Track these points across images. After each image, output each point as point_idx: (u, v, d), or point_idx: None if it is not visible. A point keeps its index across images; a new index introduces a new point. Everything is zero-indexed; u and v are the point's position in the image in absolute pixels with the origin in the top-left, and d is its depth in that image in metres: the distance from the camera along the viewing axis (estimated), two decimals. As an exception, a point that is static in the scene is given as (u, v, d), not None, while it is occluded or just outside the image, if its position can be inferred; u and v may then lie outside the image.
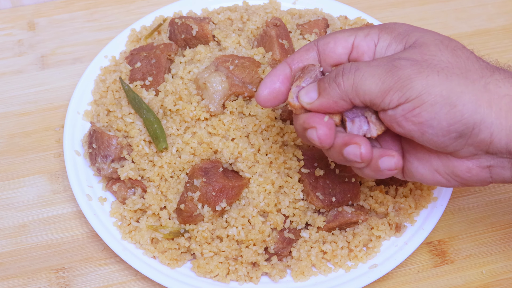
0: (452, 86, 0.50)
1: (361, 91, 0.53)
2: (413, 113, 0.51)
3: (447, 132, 0.51)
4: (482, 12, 0.99)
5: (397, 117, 0.52)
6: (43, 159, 0.81)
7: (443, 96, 0.50)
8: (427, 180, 0.57)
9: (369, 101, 0.53)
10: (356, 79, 0.53)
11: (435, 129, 0.51)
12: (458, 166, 0.54)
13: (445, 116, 0.50)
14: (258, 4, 0.89)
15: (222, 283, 0.68)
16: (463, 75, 0.51)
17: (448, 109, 0.50)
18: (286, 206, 0.69)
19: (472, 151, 0.53)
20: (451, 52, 0.53)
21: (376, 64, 0.53)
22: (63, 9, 0.97)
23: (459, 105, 0.50)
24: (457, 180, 0.56)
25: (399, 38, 0.55)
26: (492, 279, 0.72)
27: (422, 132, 0.52)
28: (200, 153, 0.71)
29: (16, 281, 0.72)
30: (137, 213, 0.72)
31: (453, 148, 0.53)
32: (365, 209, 0.71)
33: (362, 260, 0.69)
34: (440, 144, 0.52)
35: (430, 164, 0.56)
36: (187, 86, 0.74)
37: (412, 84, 0.51)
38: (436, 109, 0.50)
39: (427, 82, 0.50)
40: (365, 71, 0.53)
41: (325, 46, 0.58)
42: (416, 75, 0.51)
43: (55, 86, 0.88)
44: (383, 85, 0.52)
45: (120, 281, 0.72)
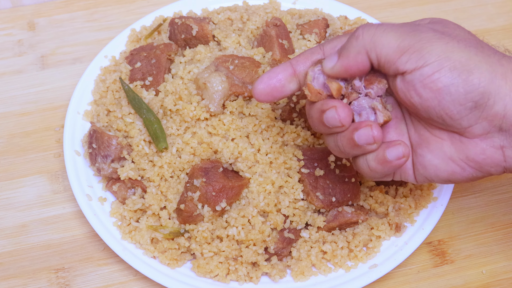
0: (470, 55, 0.51)
1: (379, 44, 0.52)
2: (431, 79, 0.51)
3: (464, 100, 0.51)
4: (482, 12, 0.99)
5: (415, 82, 0.52)
6: (43, 159, 0.81)
7: (461, 62, 0.51)
8: (441, 172, 0.56)
9: (384, 57, 0.53)
10: (376, 32, 0.53)
11: (452, 96, 0.51)
12: (471, 148, 0.54)
13: (463, 83, 0.51)
14: (258, 4, 0.89)
15: (222, 283, 0.68)
16: (480, 49, 0.52)
17: (466, 76, 0.51)
18: (286, 206, 0.69)
19: (485, 127, 0.52)
20: (467, 32, 0.54)
21: (399, 24, 0.53)
22: (63, 9, 0.97)
23: (476, 73, 0.51)
24: (472, 165, 0.55)
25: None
26: (492, 279, 0.72)
27: (439, 100, 0.51)
28: (200, 153, 0.71)
29: (16, 281, 0.72)
30: (137, 213, 0.72)
31: (467, 121, 0.52)
32: (365, 209, 0.71)
33: (362, 260, 0.69)
34: (456, 115, 0.52)
35: (443, 152, 0.55)
36: (187, 86, 0.74)
37: (432, 47, 0.51)
38: (455, 74, 0.50)
39: (447, 48, 0.51)
40: (387, 26, 0.53)
41: (332, 50, 0.58)
42: (437, 40, 0.51)
43: (55, 86, 0.88)
44: (402, 42, 0.52)
45: (120, 281, 0.72)
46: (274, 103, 0.73)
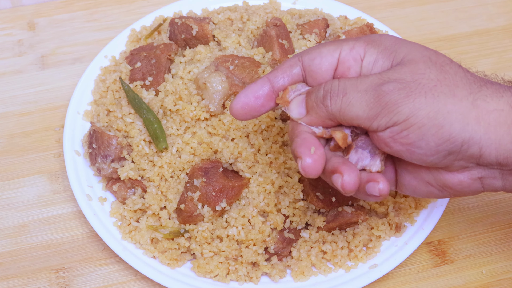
0: (439, 106, 0.51)
1: (348, 116, 0.54)
2: (401, 135, 0.52)
3: (436, 152, 0.52)
4: (482, 12, 0.99)
5: (385, 138, 0.53)
6: (43, 159, 0.81)
7: (430, 118, 0.51)
8: (420, 191, 0.57)
9: (356, 125, 0.54)
10: (343, 105, 0.53)
11: (423, 150, 0.52)
12: (449, 179, 0.55)
13: (433, 137, 0.51)
14: (258, 4, 0.89)
15: (222, 283, 0.68)
16: (451, 93, 0.51)
17: (435, 130, 0.51)
18: (286, 206, 0.69)
19: (462, 164, 0.53)
20: (439, 69, 0.53)
21: (363, 89, 0.53)
22: (63, 9, 0.97)
23: (446, 125, 0.51)
24: (449, 191, 0.56)
25: (386, 54, 0.55)
26: (492, 279, 0.72)
27: (410, 152, 0.52)
28: (200, 153, 0.71)
29: (16, 281, 0.72)
30: (137, 213, 0.72)
31: (444, 164, 0.53)
32: (365, 209, 0.71)
33: (362, 260, 0.69)
34: (430, 163, 0.53)
35: (421, 176, 0.56)
36: (187, 86, 0.74)
37: (399, 109, 0.51)
38: (424, 131, 0.51)
39: (414, 106, 0.51)
40: (352, 97, 0.53)
41: (311, 62, 0.57)
42: (403, 99, 0.51)
43: (55, 86, 0.88)
44: (370, 112, 0.52)
45: (120, 281, 0.72)
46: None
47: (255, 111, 0.58)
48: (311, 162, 0.54)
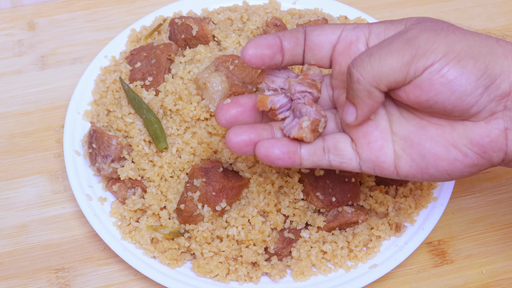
0: (470, 42, 0.51)
1: (384, 74, 0.51)
2: (441, 73, 0.51)
3: (475, 87, 0.51)
4: (482, 12, 0.99)
5: (423, 82, 0.51)
6: (43, 159, 0.81)
7: (466, 51, 0.51)
8: (442, 160, 0.54)
9: (394, 81, 0.52)
10: (373, 64, 0.52)
11: (464, 86, 0.51)
12: (476, 131, 0.53)
13: (472, 70, 0.50)
14: (258, 4, 0.89)
15: (222, 283, 0.68)
16: (475, 34, 0.52)
17: (473, 63, 0.51)
18: (286, 206, 0.69)
19: (492, 109, 0.52)
20: (454, 26, 0.54)
21: (388, 43, 0.52)
22: (63, 9, 0.97)
23: (481, 57, 0.51)
24: (475, 150, 0.53)
25: (395, 23, 0.55)
26: (492, 279, 0.73)
27: (452, 92, 0.51)
28: (200, 153, 0.71)
29: (16, 281, 0.72)
30: (137, 213, 0.72)
31: (477, 107, 0.52)
32: (365, 209, 0.71)
33: (362, 260, 0.69)
34: (468, 103, 0.51)
35: (444, 139, 0.54)
36: (187, 86, 0.74)
37: (434, 46, 0.51)
38: (463, 63, 0.50)
39: (448, 41, 0.51)
40: (380, 53, 0.52)
41: (311, 33, 0.57)
42: (435, 38, 0.51)
43: (55, 86, 0.88)
44: (404, 57, 0.51)
45: (120, 281, 0.72)
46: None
47: (267, 57, 0.57)
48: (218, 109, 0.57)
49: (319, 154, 0.57)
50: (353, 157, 0.57)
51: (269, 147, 0.55)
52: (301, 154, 0.56)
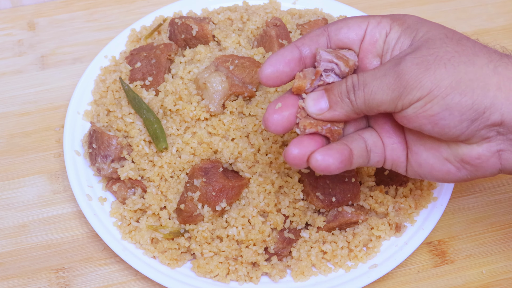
0: (460, 76, 0.51)
1: (374, 105, 0.54)
2: (425, 109, 0.52)
3: (460, 121, 0.52)
4: (482, 12, 0.99)
5: (409, 115, 0.53)
6: (43, 159, 0.81)
7: (452, 87, 0.51)
8: (436, 171, 0.57)
9: (383, 111, 0.54)
10: (366, 96, 0.54)
11: (447, 120, 0.52)
12: (468, 152, 0.54)
13: (457, 106, 0.51)
14: (258, 4, 0.89)
15: (222, 283, 0.68)
16: (471, 62, 0.52)
17: (459, 99, 0.51)
18: (286, 206, 0.69)
19: (483, 135, 0.53)
20: (456, 43, 0.54)
21: (382, 74, 0.54)
22: (63, 9, 0.97)
23: (468, 93, 0.51)
24: (467, 168, 0.55)
25: (408, 32, 0.56)
26: (492, 279, 0.72)
27: (434, 124, 0.52)
28: (200, 153, 0.71)
29: (16, 281, 0.72)
30: (137, 213, 0.72)
31: (466, 136, 0.53)
32: (365, 209, 0.71)
33: (362, 260, 0.69)
34: (453, 134, 0.53)
35: (439, 152, 0.56)
36: (187, 86, 0.74)
37: (421, 84, 0.52)
38: (448, 100, 0.51)
39: (435, 77, 0.51)
40: (373, 85, 0.54)
41: (338, 31, 0.58)
42: (424, 73, 0.52)
43: (55, 86, 0.88)
44: (393, 94, 0.53)
45: (120, 281, 0.72)
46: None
47: (285, 75, 0.58)
48: (268, 117, 0.56)
49: (365, 155, 0.58)
50: (384, 156, 0.59)
51: (325, 156, 0.55)
52: (353, 159, 0.57)
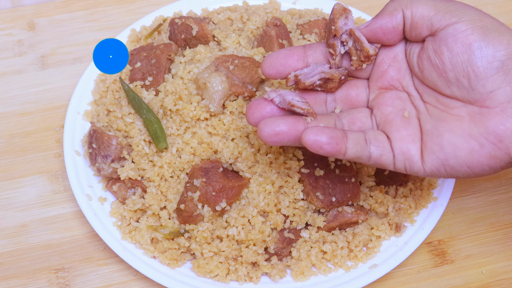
0: (500, 23, 0.55)
1: (416, 3, 0.56)
2: (464, 33, 0.54)
3: (492, 58, 0.53)
4: (482, 12, 0.99)
5: (447, 37, 0.54)
6: (43, 159, 0.81)
7: (493, 24, 0.54)
8: (460, 150, 0.55)
9: (420, 14, 0.56)
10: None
11: (482, 52, 0.53)
12: (491, 118, 0.54)
13: (494, 40, 0.53)
14: (258, 4, 0.89)
15: (222, 283, 0.68)
16: (507, 26, 0.56)
17: (497, 35, 0.53)
18: (286, 206, 0.69)
19: (508, 93, 0.53)
20: None
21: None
22: (63, 9, 0.97)
23: (506, 34, 0.53)
24: (491, 140, 0.54)
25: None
26: (492, 279, 0.73)
27: (469, 54, 0.53)
28: (200, 153, 0.71)
29: (16, 281, 0.72)
30: (137, 213, 0.72)
31: (491, 84, 0.53)
32: (365, 209, 0.71)
33: (362, 260, 0.69)
34: (482, 73, 0.53)
35: (462, 129, 0.55)
36: (187, 86, 0.74)
37: (465, 10, 0.54)
38: (487, 31, 0.53)
39: (479, 13, 0.54)
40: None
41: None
42: (469, 7, 0.55)
43: (55, 86, 0.88)
44: (438, 4, 0.55)
45: (120, 281, 0.72)
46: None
47: (282, 66, 0.61)
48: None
49: (362, 144, 0.58)
50: (390, 151, 0.58)
51: (318, 132, 0.56)
52: (347, 143, 0.57)
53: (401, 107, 0.60)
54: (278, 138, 0.57)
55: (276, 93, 0.59)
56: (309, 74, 0.60)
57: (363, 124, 0.61)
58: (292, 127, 0.57)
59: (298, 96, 0.59)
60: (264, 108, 0.60)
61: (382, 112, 0.60)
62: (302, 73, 0.60)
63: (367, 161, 0.58)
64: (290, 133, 0.57)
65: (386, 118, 0.60)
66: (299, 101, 0.59)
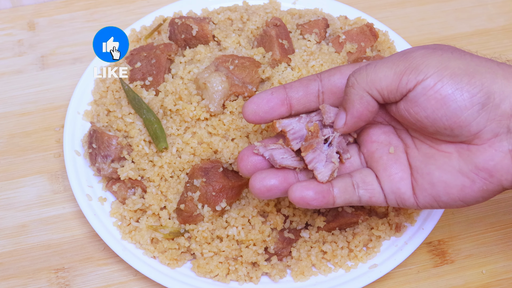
0: (467, 61, 0.52)
1: (376, 80, 0.53)
2: (434, 89, 0.51)
3: (470, 104, 0.51)
4: (482, 12, 0.99)
5: (418, 97, 0.52)
6: (43, 159, 0.81)
7: (461, 68, 0.51)
8: (451, 187, 0.55)
9: (386, 88, 0.53)
10: (368, 71, 0.54)
11: (458, 102, 0.51)
12: (480, 155, 0.53)
13: (467, 87, 0.51)
14: (258, 4, 0.89)
15: (222, 283, 0.68)
16: (475, 57, 0.53)
17: (468, 79, 0.51)
18: (286, 206, 0.69)
19: (494, 130, 0.52)
20: (456, 48, 0.55)
21: (387, 58, 0.54)
22: (63, 9, 0.97)
23: (477, 75, 0.51)
24: (481, 176, 0.53)
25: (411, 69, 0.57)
26: (492, 279, 0.73)
27: (445, 108, 0.51)
28: (200, 153, 0.71)
29: (16, 281, 0.72)
30: (137, 213, 0.72)
31: (477, 125, 0.52)
32: (365, 209, 0.71)
33: (362, 260, 0.69)
34: (464, 121, 0.52)
35: (451, 166, 0.54)
36: (187, 86, 0.74)
37: (428, 62, 0.52)
38: (457, 80, 0.51)
39: (442, 59, 0.52)
40: (376, 63, 0.54)
41: (330, 77, 0.59)
42: (430, 54, 0.52)
43: (55, 86, 0.88)
44: (397, 68, 0.52)
45: (120, 281, 0.72)
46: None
47: (268, 115, 0.59)
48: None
49: (350, 190, 0.58)
50: (380, 191, 0.58)
51: (303, 189, 0.56)
52: (333, 193, 0.57)
53: (387, 142, 0.59)
54: (270, 193, 0.58)
55: (265, 149, 0.59)
56: (297, 133, 0.59)
57: (351, 164, 0.60)
58: (283, 180, 0.58)
59: (287, 153, 0.59)
60: (255, 159, 0.60)
61: (368, 149, 0.60)
62: (290, 129, 0.59)
63: (358, 203, 0.59)
64: (281, 186, 0.58)
65: (372, 156, 0.59)
66: (289, 158, 0.59)
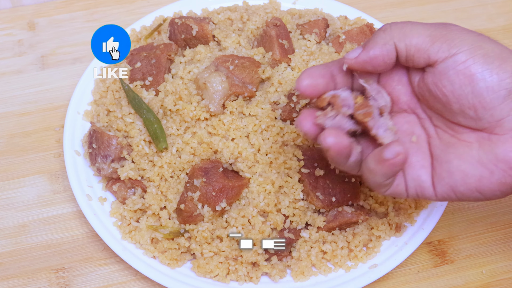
0: (502, 48, 0.52)
1: (409, 34, 0.53)
2: (465, 64, 0.51)
3: (498, 87, 0.51)
4: (482, 12, 0.99)
5: (448, 70, 0.52)
6: (43, 159, 0.81)
7: (495, 51, 0.51)
8: (469, 177, 0.54)
9: (415, 46, 0.53)
10: (405, 25, 0.54)
11: (486, 82, 0.51)
12: (500, 145, 0.52)
13: (497, 69, 0.51)
14: (258, 4, 0.89)
15: (222, 283, 0.68)
16: (508, 48, 0.53)
17: (499, 63, 0.51)
18: (286, 206, 0.69)
19: None
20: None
21: (426, 23, 0.54)
22: (63, 9, 0.97)
23: (508, 61, 0.51)
24: (501, 167, 0.52)
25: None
26: (492, 279, 0.73)
27: (473, 86, 0.51)
28: (200, 153, 0.71)
29: (16, 281, 0.72)
30: (137, 213, 0.72)
31: (500, 112, 0.51)
32: (365, 209, 0.71)
33: (362, 260, 0.69)
34: (489, 103, 0.51)
35: (471, 156, 0.54)
36: (187, 86, 0.74)
37: (463, 37, 0.51)
38: (488, 60, 0.51)
39: (478, 39, 0.51)
40: (415, 22, 0.54)
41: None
42: (467, 32, 0.52)
43: (55, 86, 0.88)
44: (434, 32, 0.52)
45: (120, 281, 0.72)
46: (273, 103, 0.73)
47: (320, 86, 0.56)
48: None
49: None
50: (402, 180, 0.57)
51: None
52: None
53: (409, 132, 0.58)
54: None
55: (325, 118, 0.56)
56: (345, 101, 0.56)
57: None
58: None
59: (346, 118, 0.56)
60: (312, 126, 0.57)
61: None
62: (339, 97, 0.56)
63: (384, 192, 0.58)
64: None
65: None
66: (350, 122, 0.56)
